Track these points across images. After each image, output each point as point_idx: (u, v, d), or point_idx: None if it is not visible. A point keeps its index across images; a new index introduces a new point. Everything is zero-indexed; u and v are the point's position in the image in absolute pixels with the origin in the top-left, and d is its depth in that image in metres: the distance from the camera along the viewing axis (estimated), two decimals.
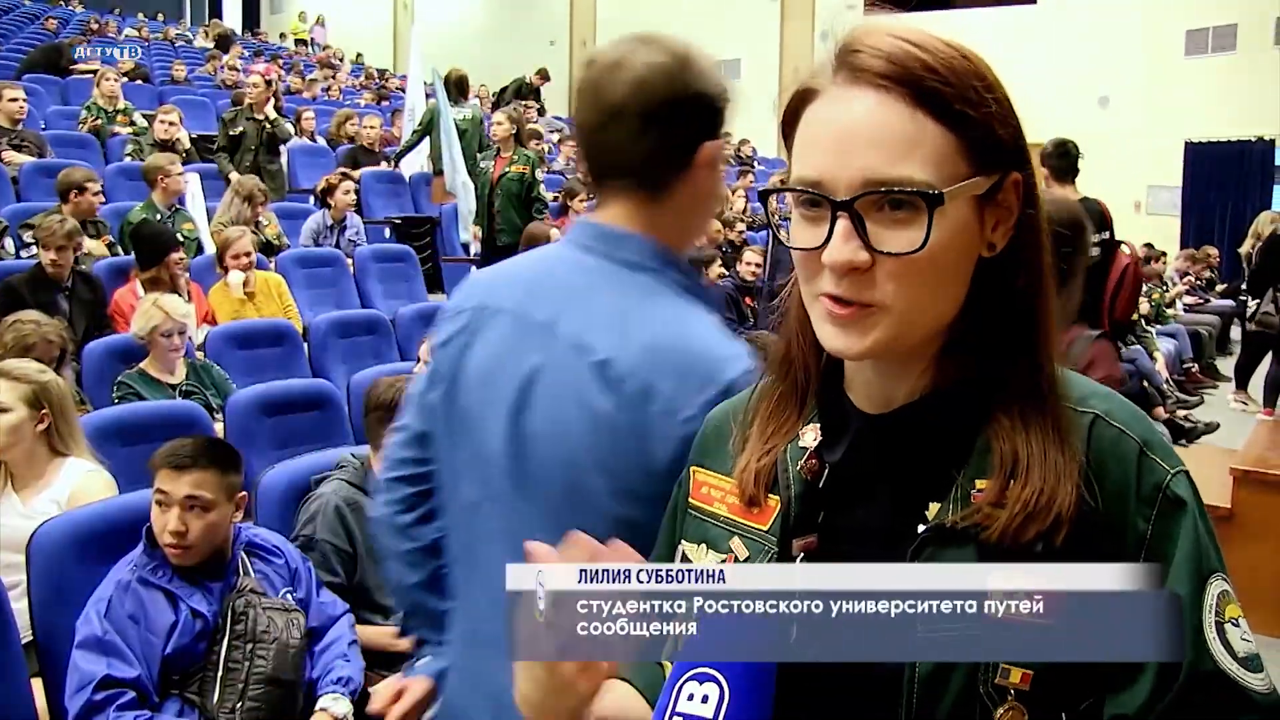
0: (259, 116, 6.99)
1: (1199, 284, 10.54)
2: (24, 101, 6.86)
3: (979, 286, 0.78)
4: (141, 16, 17.44)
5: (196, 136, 7.85)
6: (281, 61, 14.59)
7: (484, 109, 10.39)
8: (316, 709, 2.16)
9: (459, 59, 9.70)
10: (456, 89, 7.83)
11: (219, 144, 7.13)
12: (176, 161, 5.59)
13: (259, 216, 5.84)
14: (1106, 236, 3.69)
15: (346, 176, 6.67)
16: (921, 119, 0.73)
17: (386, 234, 7.23)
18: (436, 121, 7.57)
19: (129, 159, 6.87)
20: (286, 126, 7.49)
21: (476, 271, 1.36)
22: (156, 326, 3.67)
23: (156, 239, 4.67)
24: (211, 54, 13.35)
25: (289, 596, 2.22)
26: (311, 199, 6.93)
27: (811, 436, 0.85)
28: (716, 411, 0.96)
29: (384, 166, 8.35)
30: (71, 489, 2.52)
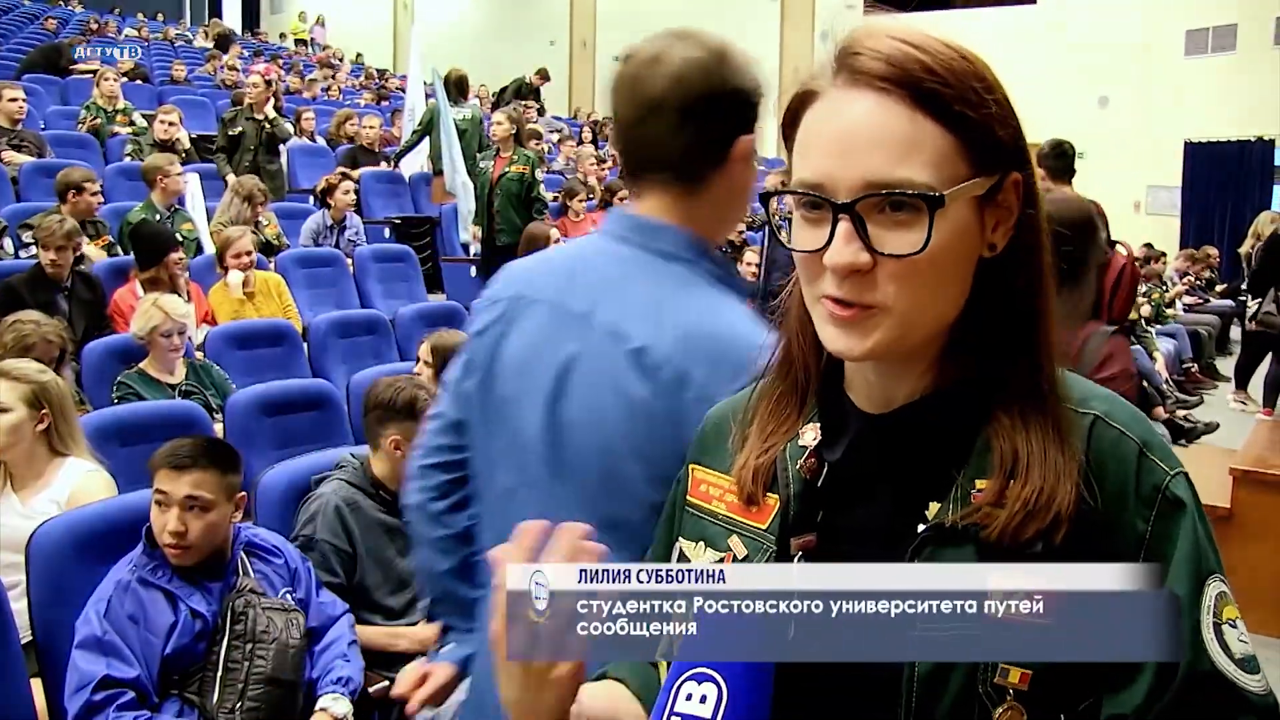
0: (259, 116, 6.98)
1: (1198, 284, 10.53)
2: (23, 101, 6.85)
3: (980, 287, 0.78)
4: (141, 16, 17.44)
5: (196, 137, 7.85)
6: (281, 61, 14.58)
7: (484, 109, 10.38)
8: (316, 709, 2.17)
9: (459, 59, 9.71)
10: (456, 89, 7.83)
11: (218, 144, 7.12)
12: (175, 162, 5.59)
13: (259, 216, 5.83)
14: (1104, 236, 3.70)
15: (346, 176, 6.66)
16: (921, 120, 0.73)
17: (386, 234, 7.23)
18: (436, 121, 7.56)
19: (128, 159, 6.86)
20: (286, 126, 7.49)
21: (512, 262, 1.39)
22: (156, 326, 3.67)
23: (155, 239, 4.67)
24: (211, 54, 13.34)
25: (288, 596, 2.22)
26: (311, 199, 6.91)
27: (811, 436, 0.85)
28: (715, 410, 0.96)
29: (384, 166, 8.34)
30: (71, 489, 2.51)
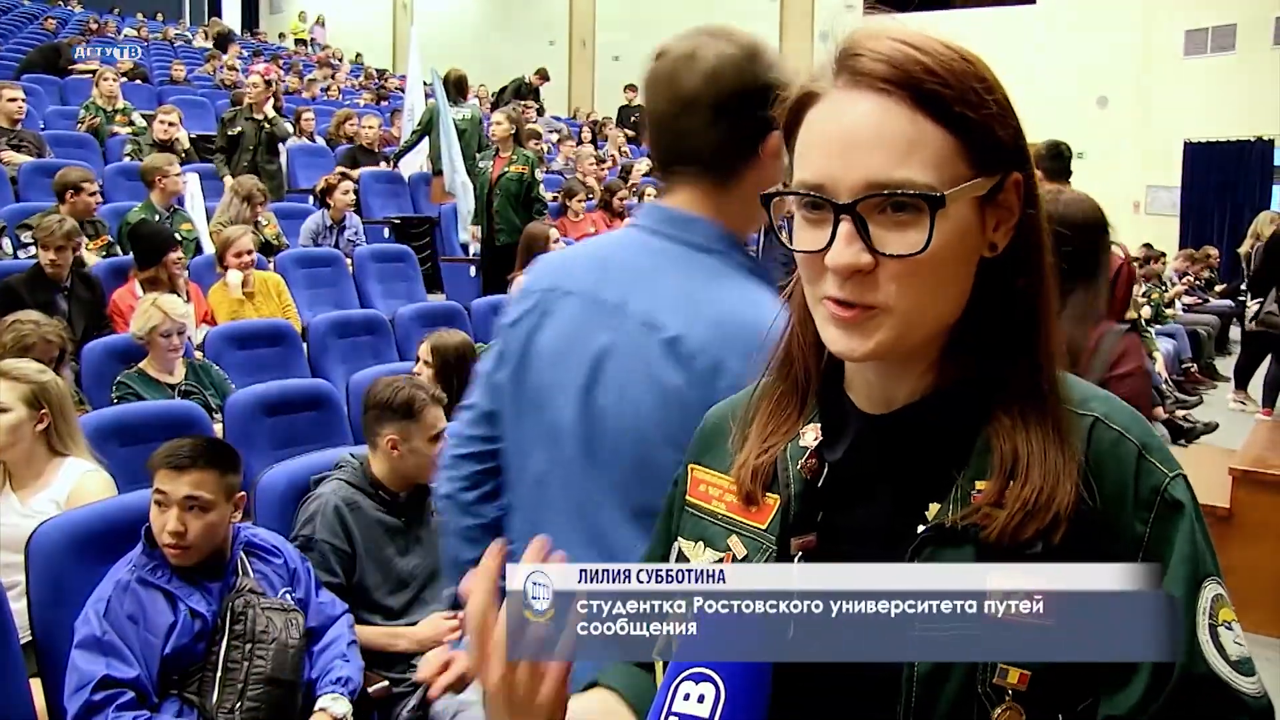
0: (258, 116, 6.98)
1: (1198, 284, 10.52)
2: (23, 101, 6.85)
3: (980, 287, 0.78)
4: (140, 16, 17.43)
5: (195, 137, 7.85)
6: (281, 61, 14.58)
7: (483, 109, 10.38)
8: (315, 709, 2.17)
9: (458, 59, 9.71)
10: (455, 89, 7.83)
11: (217, 144, 7.12)
12: (174, 162, 5.59)
13: (258, 216, 5.83)
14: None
15: (345, 176, 6.66)
16: (922, 121, 0.73)
17: (385, 234, 7.22)
18: (436, 121, 7.56)
19: (128, 159, 6.86)
20: (285, 125, 7.48)
21: (545, 255, 1.42)
22: (155, 327, 3.67)
23: (154, 238, 4.67)
24: (211, 54, 13.35)
25: (288, 596, 2.22)
26: (310, 199, 6.91)
27: (812, 436, 0.85)
28: (714, 410, 0.96)
29: (383, 166, 8.34)
30: (71, 489, 2.52)
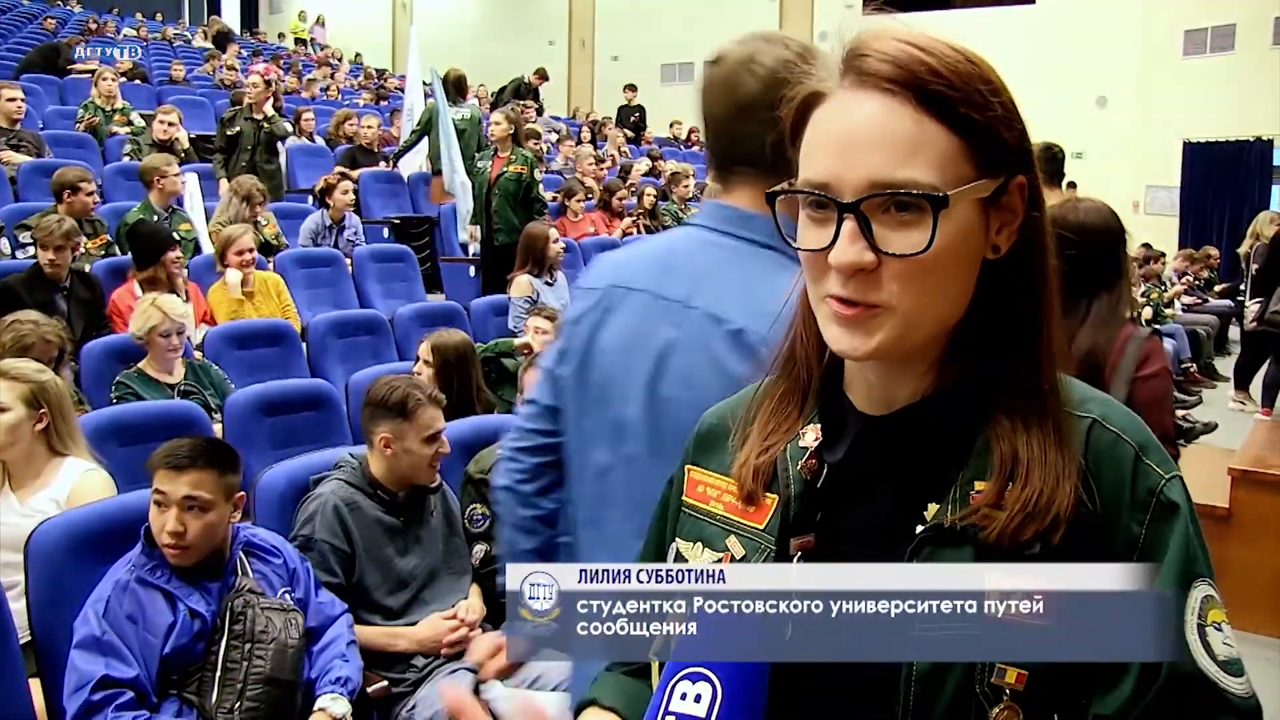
0: (257, 116, 6.98)
1: (1197, 284, 10.53)
2: (22, 101, 6.85)
3: (983, 289, 0.79)
4: (140, 16, 17.43)
5: (195, 137, 7.85)
6: (281, 61, 14.58)
7: (482, 109, 10.38)
8: (315, 709, 2.17)
9: (457, 59, 9.71)
10: (455, 89, 7.82)
11: (216, 144, 7.11)
12: (173, 162, 5.59)
13: (257, 216, 5.83)
14: None
15: (345, 176, 6.66)
16: (927, 122, 0.74)
17: (385, 234, 7.22)
18: (435, 121, 7.56)
19: (127, 159, 6.85)
20: (284, 124, 7.48)
21: (605, 254, 1.46)
22: (155, 326, 3.67)
23: (152, 238, 4.67)
24: (210, 54, 13.35)
25: (287, 596, 2.22)
26: (310, 199, 6.91)
27: (812, 436, 0.85)
28: (712, 412, 0.96)
29: (382, 166, 8.33)
30: (70, 488, 2.51)
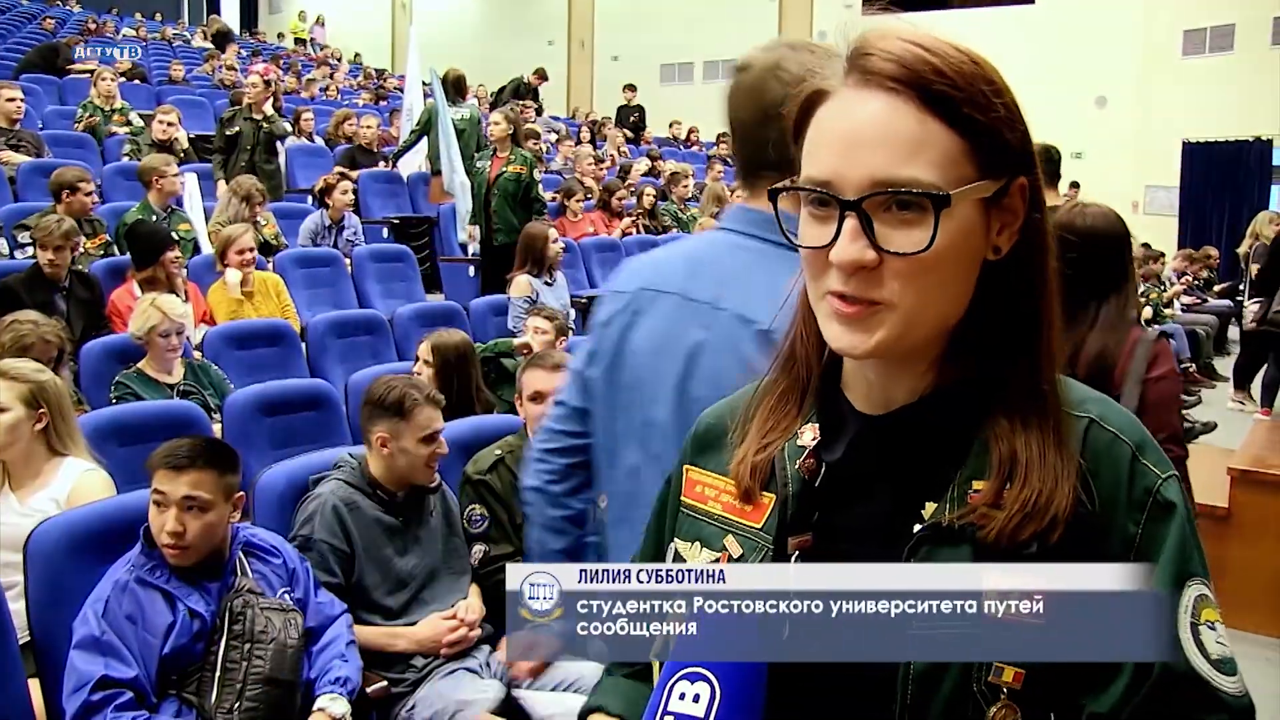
0: (256, 116, 6.97)
1: (1196, 284, 10.53)
2: (21, 101, 6.85)
3: (983, 289, 0.79)
4: (139, 16, 17.43)
5: (194, 137, 7.84)
6: (280, 61, 14.58)
7: (482, 109, 10.38)
8: (314, 709, 2.16)
9: (457, 59, 9.71)
10: (454, 89, 7.82)
11: (215, 144, 7.10)
12: (172, 162, 5.59)
13: (257, 216, 5.83)
14: None
15: (344, 176, 6.66)
16: (930, 122, 0.74)
17: (384, 234, 7.22)
18: (434, 121, 7.56)
19: (127, 159, 6.85)
20: (283, 123, 7.48)
21: (633, 258, 1.47)
22: (154, 326, 3.67)
23: (151, 238, 4.67)
24: (210, 54, 13.35)
25: (287, 596, 2.22)
26: (309, 199, 6.91)
27: (810, 436, 0.85)
28: (710, 412, 0.96)
29: (382, 166, 8.33)
30: (69, 488, 2.51)
